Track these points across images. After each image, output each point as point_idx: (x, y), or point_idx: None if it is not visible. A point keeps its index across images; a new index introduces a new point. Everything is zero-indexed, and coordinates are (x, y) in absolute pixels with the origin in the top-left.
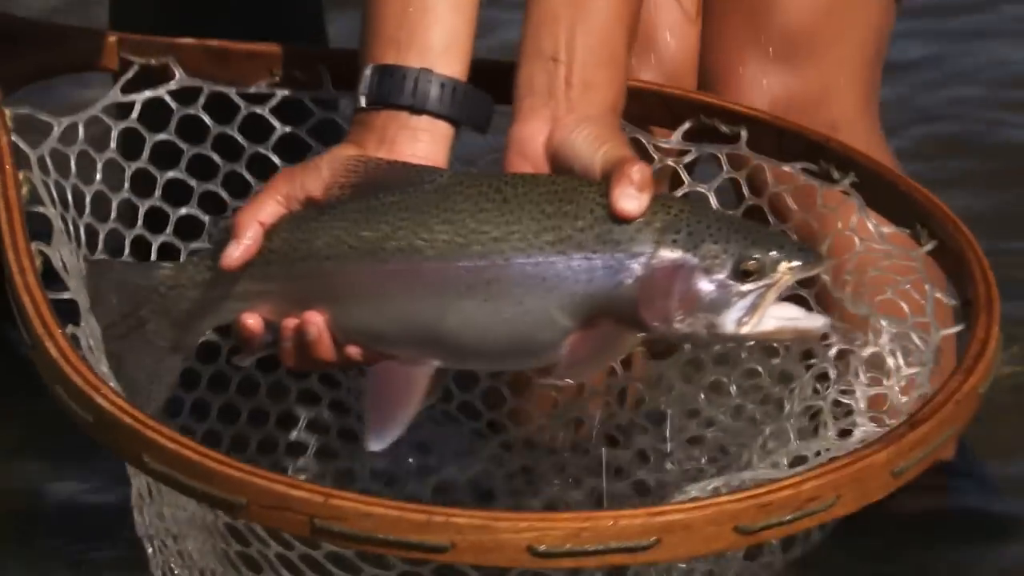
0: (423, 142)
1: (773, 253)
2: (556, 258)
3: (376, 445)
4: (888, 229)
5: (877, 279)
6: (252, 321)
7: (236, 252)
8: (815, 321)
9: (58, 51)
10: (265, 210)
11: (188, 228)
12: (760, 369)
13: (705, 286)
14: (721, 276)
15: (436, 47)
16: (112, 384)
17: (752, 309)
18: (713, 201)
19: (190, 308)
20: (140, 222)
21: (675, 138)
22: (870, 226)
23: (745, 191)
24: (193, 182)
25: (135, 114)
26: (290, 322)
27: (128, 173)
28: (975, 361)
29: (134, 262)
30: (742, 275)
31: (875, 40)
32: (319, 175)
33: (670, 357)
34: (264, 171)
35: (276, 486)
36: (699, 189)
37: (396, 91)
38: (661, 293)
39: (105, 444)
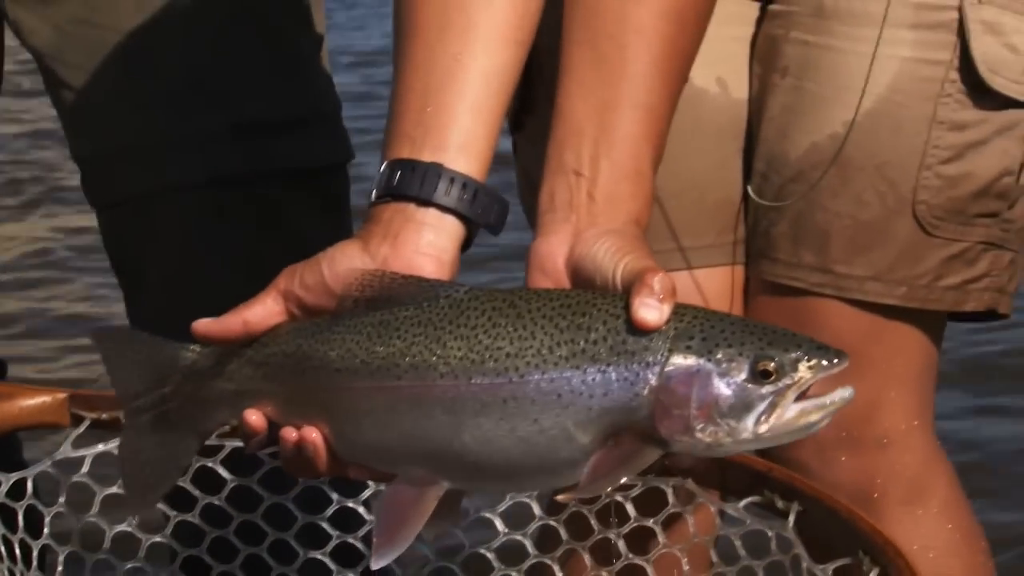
0: (428, 236)
1: (791, 353)
2: (570, 373)
3: (379, 563)
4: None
5: None
6: (255, 418)
7: (200, 328)
8: (840, 394)
9: (7, 410)
10: (255, 307)
11: None
12: None
13: (723, 391)
14: (739, 379)
15: (451, 146)
16: None
17: (771, 409)
18: (661, 537)
19: (207, 395)
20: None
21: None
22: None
23: (691, 528)
24: (141, 535)
25: (85, 468)
26: (290, 433)
27: (78, 527)
28: None
29: (162, 338)
30: (760, 377)
31: (926, 353)
32: (319, 271)
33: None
34: (217, 521)
35: None
36: (647, 524)
37: (404, 183)
38: (678, 402)
39: None
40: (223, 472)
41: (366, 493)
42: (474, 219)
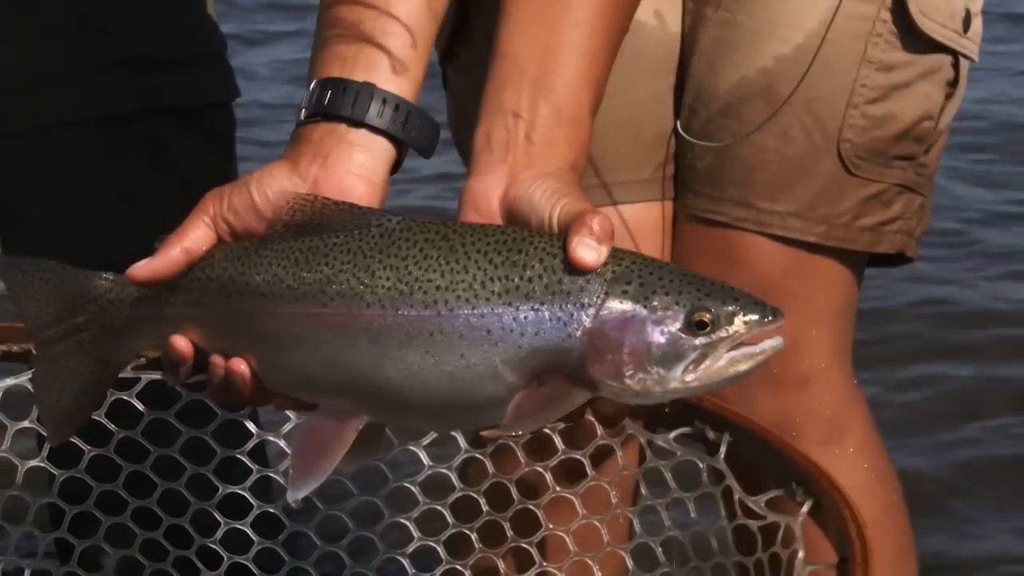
0: (359, 157)
1: (728, 306)
2: (502, 309)
3: (295, 495)
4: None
5: None
6: (182, 344)
7: (144, 271)
8: (770, 343)
9: None
10: (191, 235)
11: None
12: None
13: (656, 339)
14: (673, 329)
15: (383, 66)
16: None
17: (702, 359)
18: (588, 469)
19: (126, 324)
20: None
21: None
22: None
23: (620, 460)
24: (55, 471)
25: None
26: (218, 360)
27: None
28: None
29: (71, 267)
30: (695, 328)
31: (847, 294)
32: (247, 194)
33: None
34: (133, 456)
35: None
36: (575, 456)
37: (336, 103)
38: (610, 347)
39: None
40: (139, 406)
41: (287, 427)
42: (406, 141)
